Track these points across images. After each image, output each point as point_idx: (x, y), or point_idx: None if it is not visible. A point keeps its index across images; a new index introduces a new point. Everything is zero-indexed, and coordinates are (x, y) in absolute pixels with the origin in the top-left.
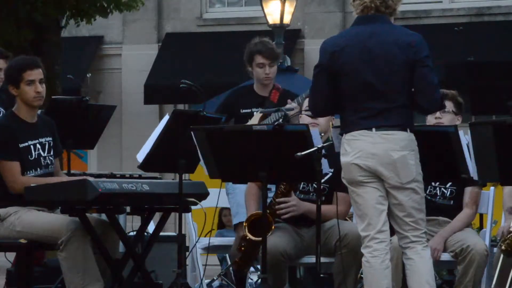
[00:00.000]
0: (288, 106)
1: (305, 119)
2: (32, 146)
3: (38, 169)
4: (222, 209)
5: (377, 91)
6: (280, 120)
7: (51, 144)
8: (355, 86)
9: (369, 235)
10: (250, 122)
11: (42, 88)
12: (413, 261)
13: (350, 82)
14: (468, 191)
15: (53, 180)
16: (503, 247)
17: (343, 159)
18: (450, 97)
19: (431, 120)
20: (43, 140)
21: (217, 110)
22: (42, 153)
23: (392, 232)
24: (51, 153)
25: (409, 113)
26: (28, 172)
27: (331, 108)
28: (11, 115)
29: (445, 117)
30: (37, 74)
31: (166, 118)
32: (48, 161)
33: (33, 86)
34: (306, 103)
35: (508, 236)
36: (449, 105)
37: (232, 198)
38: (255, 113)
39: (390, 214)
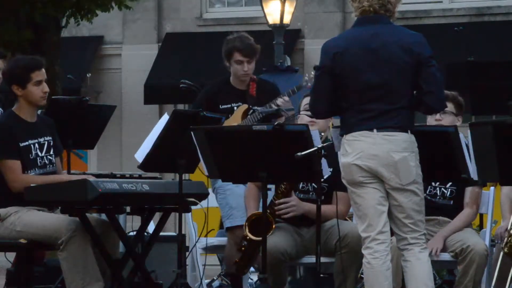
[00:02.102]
0: (279, 101)
1: (303, 118)
2: (32, 146)
3: (37, 169)
4: None
5: (379, 92)
6: (260, 117)
7: (51, 144)
8: (357, 87)
9: (369, 236)
10: (231, 118)
11: (47, 88)
12: (410, 263)
13: (352, 83)
14: (469, 191)
15: (54, 178)
16: (506, 250)
17: (344, 159)
18: (451, 98)
19: (431, 121)
20: (42, 139)
21: (193, 108)
22: (39, 153)
23: (392, 232)
24: (50, 152)
25: (410, 114)
26: (29, 171)
27: (332, 110)
28: (11, 115)
29: (445, 119)
30: (43, 74)
31: (165, 117)
32: (46, 161)
33: (41, 86)
34: (304, 102)
35: (510, 239)
36: (449, 107)
37: (222, 200)
38: (235, 108)
39: (389, 216)
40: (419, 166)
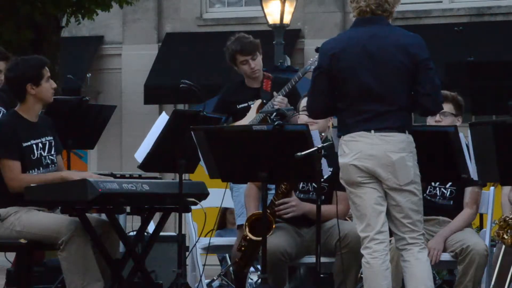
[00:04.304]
0: (278, 98)
1: (302, 118)
2: (34, 146)
3: (41, 168)
4: (226, 208)
5: (376, 94)
6: (275, 107)
7: (52, 144)
8: (354, 88)
9: (368, 236)
10: (248, 115)
11: (55, 84)
12: (409, 263)
13: (349, 85)
14: (468, 191)
15: (53, 175)
16: (505, 237)
17: (341, 160)
18: (450, 99)
19: (430, 123)
20: (44, 139)
21: (213, 111)
22: (43, 152)
23: (391, 232)
24: (52, 152)
25: (408, 115)
26: (30, 172)
27: (329, 110)
28: (14, 114)
29: (444, 120)
30: (48, 71)
31: (163, 117)
32: (49, 161)
33: (50, 82)
34: (303, 103)
35: (508, 228)
36: (449, 108)
37: (236, 198)
38: (252, 105)
39: (388, 216)
40: (417, 166)
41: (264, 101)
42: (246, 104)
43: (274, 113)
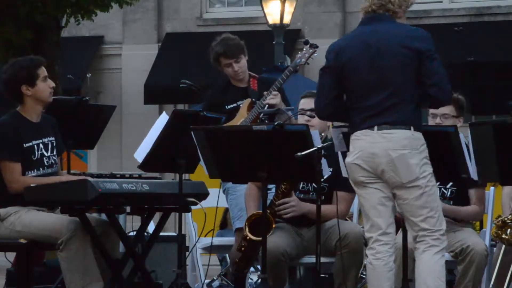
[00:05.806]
0: (272, 94)
1: (299, 118)
2: (35, 146)
3: (41, 169)
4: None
5: (377, 88)
6: (266, 107)
7: (54, 144)
8: (357, 84)
9: (372, 237)
10: (238, 114)
11: (53, 83)
12: (417, 261)
13: (354, 80)
14: (473, 193)
15: (53, 179)
16: (505, 237)
17: (346, 159)
18: (452, 100)
19: (432, 123)
20: (45, 140)
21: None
22: (45, 153)
23: (396, 232)
24: (54, 152)
25: (414, 109)
26: (30, 172)
27: (335, 112)
28: (16, 115)
29: (446, 123)
30: (45, 70)
31: (163, 117)
32: (52, 161)
33: (47, 82)
34: (301, 104)
35: (506, 228)
36: (450, 110)
37: (233, 200)
38: (240, 105)
39: (401, 213)
40: (426, 163)
41: (253, 99)
42: (235, 104)
43: (272, 112)
